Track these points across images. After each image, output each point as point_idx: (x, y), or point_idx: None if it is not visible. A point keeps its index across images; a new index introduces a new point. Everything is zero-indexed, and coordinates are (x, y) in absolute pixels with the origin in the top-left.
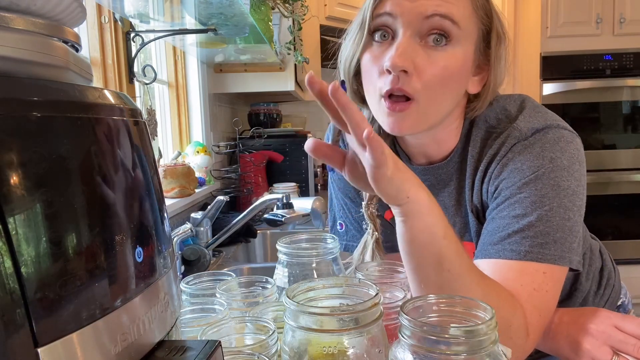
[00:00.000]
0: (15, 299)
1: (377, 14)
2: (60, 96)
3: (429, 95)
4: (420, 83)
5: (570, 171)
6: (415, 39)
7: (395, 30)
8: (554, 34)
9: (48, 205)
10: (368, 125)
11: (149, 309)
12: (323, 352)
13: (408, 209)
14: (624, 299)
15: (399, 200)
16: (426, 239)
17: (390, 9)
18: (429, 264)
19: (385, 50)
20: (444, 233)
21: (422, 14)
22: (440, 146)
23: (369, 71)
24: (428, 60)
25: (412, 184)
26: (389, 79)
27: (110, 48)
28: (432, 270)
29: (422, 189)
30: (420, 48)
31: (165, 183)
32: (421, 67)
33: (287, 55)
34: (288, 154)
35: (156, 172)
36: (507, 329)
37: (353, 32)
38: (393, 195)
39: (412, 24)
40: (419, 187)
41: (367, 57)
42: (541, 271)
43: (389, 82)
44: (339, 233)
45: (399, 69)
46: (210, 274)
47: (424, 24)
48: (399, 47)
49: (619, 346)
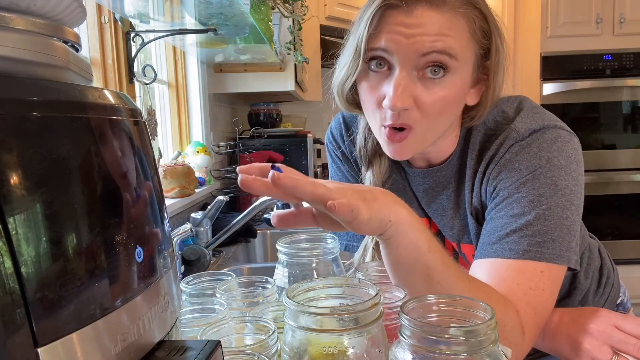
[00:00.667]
0: (15, 299)
1: (371, 47)
2: (60, 96)
3: (428, 123)
4: (419, 113)
5: (568, 170)
6: (412, 74)
7: (392, 63)
8: (554, 34)
9: (48, 205)
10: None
11: (149, 309)
12: (323, 352)
13: (392, 232)
14: (623, 297)
15: (383, 229)
16: (412, 255)
17: (386, 46)
18: (419, 279)
19: (381, 82)
20: (428, 246)
21: (418, 51)
22: (439, 151)
23: (367, 99)
24: (426, 92)
25: (389, 208)
26: (389, 114)
27: (110, 48)
28: (423, 285)
29: (399, 205)
30: (418, 81)
31: (165, 183)
32: (420, 100)
33: (287, 55)
34: (288, 154)
35: (156, 172)
36: (501, 329)
37: (347, 56)
38: (376, 229)
39: (409, 61)
40: (395, 205)
41: (365, 85)
42: (539, 270)
43: (390, 118)
44: (339, 233)
45: (398, 109)
46: (210, 274)
47: (421, 60)
48: (396, 86)
49: (619, 346)
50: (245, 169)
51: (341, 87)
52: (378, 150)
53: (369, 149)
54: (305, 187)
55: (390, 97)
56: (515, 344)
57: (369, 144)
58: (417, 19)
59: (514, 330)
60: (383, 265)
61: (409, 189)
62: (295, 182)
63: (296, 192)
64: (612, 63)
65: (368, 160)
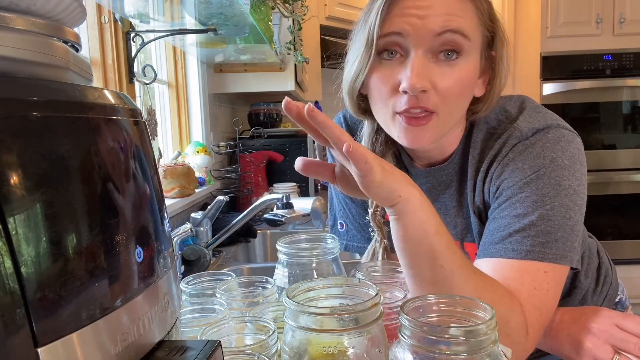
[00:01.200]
0: (15, 299)
1: (385, 33)
2: (60, 96)
3: (449, 107)
4: (438, 97)
5: (572, 171)
6: (427, 56)
7: (406, 48)
8: (554, 34)
9: (48, 205)
10: (348, 138)
11: (149, 309)
12: (323, 352)
13: (401, 208)
14: (622, 295)
15: (392, 201)
16: (419, 235)
17: (400, 28)
18: (423, 260)
19: (395, 69)
20: (435, 229)
21: (433, 31)
22: (442, 149)
23: (378, 89)
24: (443, 75)
25: (402, 184)
26: (405, 99)
27: (110, 48)
28: (426, 266)
29: (412, 186)
30: (434, 64)
31: (165, 183)
32: (437, 83)
33: (287, 55)
34: (288, 154)
35: (156, 172)
36: (504, 325)
37: (357, 50)
38: (385, 197)
39: (424, 42)
40: (409, 185)
41: (376, 76)
42: (542, 270)
43: (406, 102)
44: (339, 233)
45: (417, 90)
46: (210, 274)
47: (436, 41)
48: (414, 67)
49: (621, 345)
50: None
51: (352, 85)
52: (384, 150)
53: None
54: (333, 129)
55: (409, 77)
56: (517, 342)
57: (377, 149)
58: (427, 1)
59: (518, 328)
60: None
61: None
62: (326, 120)
63: (324, 128)
64: (612, 63)
65: None
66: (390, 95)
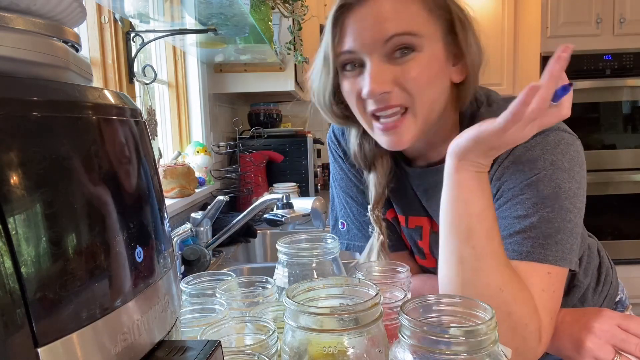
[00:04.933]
0: (15, 299)
1: (338, 53)
2: (60, 96)
3: (420, 98)
4: (405, 93)
5: (571, 173)
6: (383, 60)
7: (361, 60)
8: (554, 34)
9: (48, 205)
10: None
11: (149, 309)
12: (323, 352)
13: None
14: (622, 295)
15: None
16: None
17: (349, 47)
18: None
19: (356, 79)
20: (479, 211)
21: (380, 40)
22: (438, 149)
23: (350, 99)
24: (403, 72)
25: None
26: (371, 102)
27: (110, 48)
28: (459, 241)
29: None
30: (392, 65)
31: (165, 183)
32: (400, 80)
33: (287, 55)
34: (288, 154)
35: (156, 172)
36: (523, 327)
37: (319, 66)
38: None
39: (375, 50)
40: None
41: (345, 88)
42: (545, 271)
43: (374, 104)
44: (340, 232)
45: (377, 95)
46: (210, 274)
47: (386, 47)
48: (370, 75)
49: (622, 345)
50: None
51: (322, 100)
52: (378, 151)
53: (367, 152)
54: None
55: (367, 84)
56: (531, 347)
57: (366, 148)
58: (371, 8)
59: (535, 332)
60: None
61: (410, 189)
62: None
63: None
64: (612, 63)
65: (369, 163)
66: (360, 102)
